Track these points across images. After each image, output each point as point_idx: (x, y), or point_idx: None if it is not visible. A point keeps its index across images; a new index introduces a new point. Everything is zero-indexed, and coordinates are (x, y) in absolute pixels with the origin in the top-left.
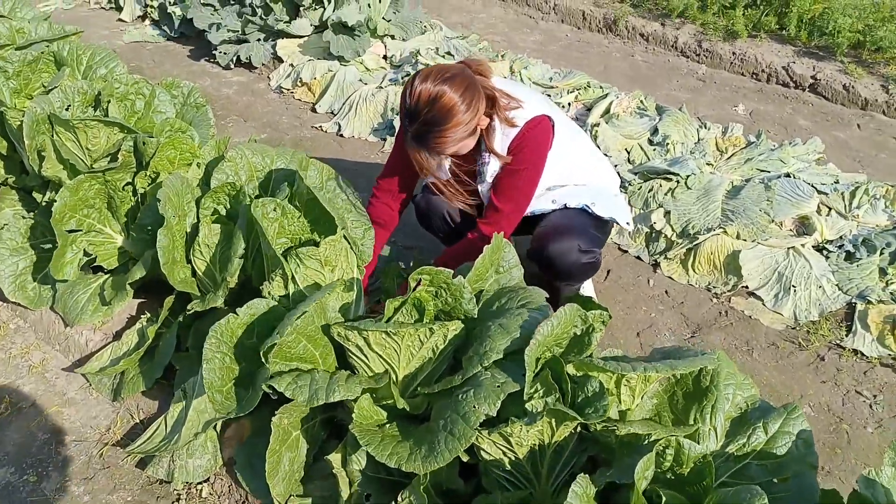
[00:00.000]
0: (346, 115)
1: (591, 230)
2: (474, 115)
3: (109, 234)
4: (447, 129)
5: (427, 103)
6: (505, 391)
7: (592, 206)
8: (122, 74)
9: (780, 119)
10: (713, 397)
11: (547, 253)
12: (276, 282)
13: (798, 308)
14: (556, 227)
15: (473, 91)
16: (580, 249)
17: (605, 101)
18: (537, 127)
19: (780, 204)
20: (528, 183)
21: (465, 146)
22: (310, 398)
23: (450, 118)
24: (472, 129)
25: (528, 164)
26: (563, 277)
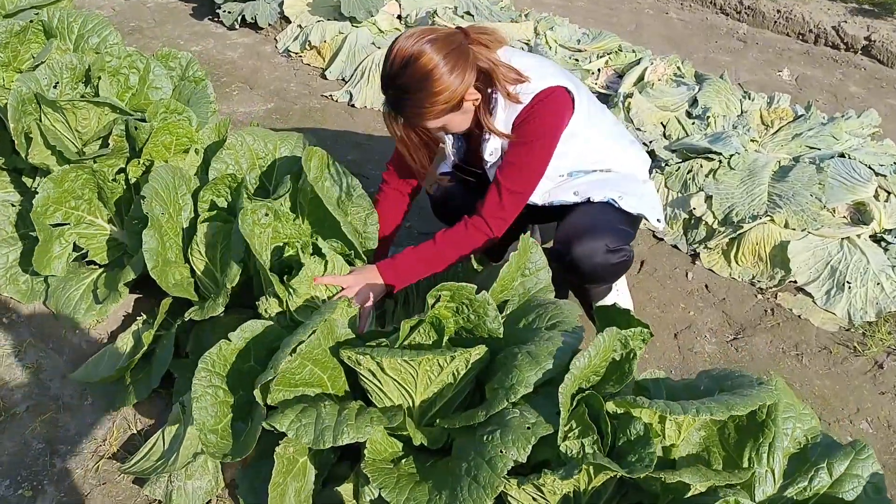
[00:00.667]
0: (358, 84)
1: (620, 225)
2: (458, 84)
3: (101, 225)
4: (423, 97)
5: (402, 65)
6: (536, 434)
7: (619, 200)
8: (114, 45)
9: (830, 85)
10: (770, 434)
11: (571, 256)
12: (271, 300)
13: (853, 307)
14: (579, 226)
15: (459, 57)
16: (608, 249)
17: (638, 68)
18: (549, 97)
19: (834, 188)
20: (536, 159)
21: (452, 123)
22: (315, 439)
23: (427, 84)
24: (455, 101)
25: (536, 137)
26: (592, 280)
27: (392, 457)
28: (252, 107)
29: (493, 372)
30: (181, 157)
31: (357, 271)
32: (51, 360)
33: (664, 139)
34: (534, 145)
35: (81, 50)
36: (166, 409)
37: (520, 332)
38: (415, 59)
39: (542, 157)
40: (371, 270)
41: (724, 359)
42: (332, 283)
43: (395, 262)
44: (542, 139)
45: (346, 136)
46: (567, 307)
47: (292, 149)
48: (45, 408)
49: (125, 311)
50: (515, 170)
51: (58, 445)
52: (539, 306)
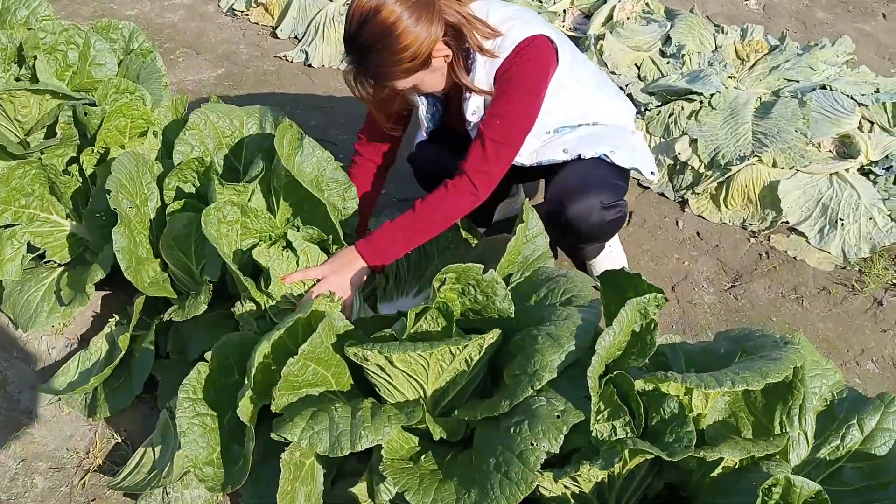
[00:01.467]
0: (313, 41)
1: (612, 180)
2: (424, 39)
3: (57, 221)
4: (386, 55)
5: (361, 21)
6: (567, 423)
7: (612, 154)
8: (46, 18)
9: (797, 12)
10: (800, 395)
11: (566, 216)
12: (247, 303)
13: (847, 244)
14: (570, 185)
15: (423, 10)
16: (602, 206)
17: (605, 7)
18: (530, 45)
19: (818, 122)
20: (522, 107)
21: (423, 83)
22: (331, 447)
23: (388, 40)
24: (422, 58)
25: (519, 84)
26: (588, 240)
27: (409, 453)
28: (201, 74)
29: (509, 355)
30: (138, 142)
31: (331, 259)
32: (17, 371)
33: (640, 81)
34: (518, 93)
35: (9, 25)
36: (151, 414)
37: (532, 311)
38: (374, 12)
39: (528, 105)
40: (347, 254)
41: (724, 309)
42: (304, 279)
43: (373, 240)
44: (527, 86)
45: (305, 100)
46: (579, 279)
47: (260, 123)
48: (17, 423)
49: (93, 311)
50: (499, 119)
51: (37, 463)
52: (549, 279)
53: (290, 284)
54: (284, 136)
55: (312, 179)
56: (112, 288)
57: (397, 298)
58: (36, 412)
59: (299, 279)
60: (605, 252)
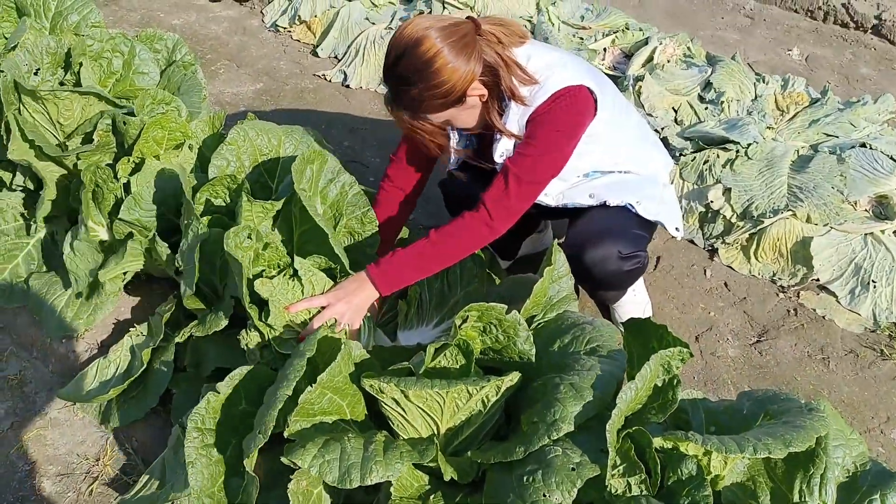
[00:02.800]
0: (353, 62)
1: (634, 229)
2: (461, 76)
3: (92, 227)
4: (422, 88)
5: (401, 52)
6: (582, 477)
7: (637, 205)
8: (96, 25)
9: (840, 66)
10: (822, 464)
11: (582, 263)
12: (251, 333)
13: (878, 307)
14: (591, 231)
15: (464, 48)
16: (620, 256)
17: (646, 48)
18: (568, 95)
19: (856, 180)
20: (550, 150)
21: (456, 118)
22: (340, 478)
23: (425, 73)
24: (457, 95)
25: (553, 128)
26: (605, 287)
27: (419, 492)
28: (240, 87)
29: (528, 400)
30: (174, 154)
31: (338, 286)
32: (36, 372)
33: (676, 125)
34: (550, 136)
35: (59, 29)
36: (164, 427)
37: (555, 356)
38: (415, 45)
39: (557, 149)
40: (355, 280)
41: (747, 364)
42: (309, 307)
43: (384, 265)
44: (561, 129)
45: (341, 120)
46: (605, 328)
47: (297, 143)
48: (32, 424)
49: (115, 317)
50: (527, 158)
51: (46, 466)
52: (574, 326)
53: (293, 313)
54: (307, 165)
55: (333, 202)
56: (134, 296)
57: (418, 327)
58: (50, 414)
59: (304, 308)
60: (629, 296)
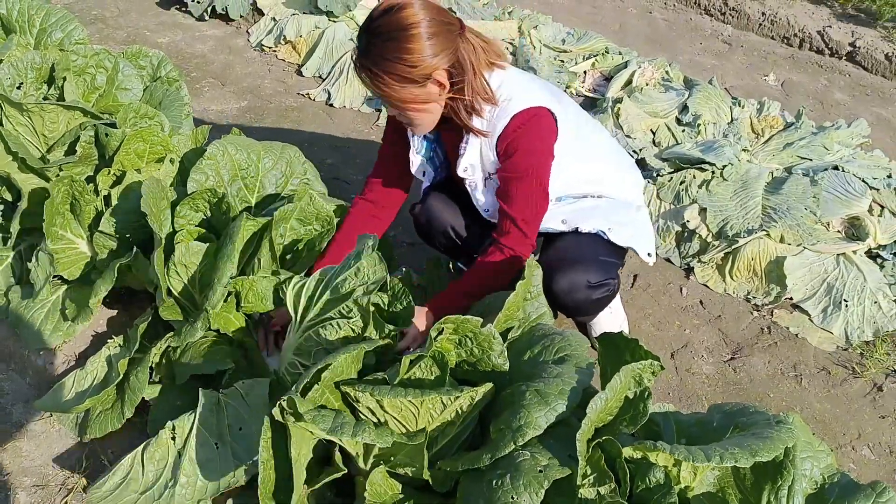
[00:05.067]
0: (336, 82)
1: (603, 257)
2: (430, 55)
3: (71, 239)
4: (392, 48)
5: (384, 10)
6: (549, 478)
7: (609, 231)
8: (80, 42)
9: (815, 92)
10: (790, 476)
11: (552, 291)
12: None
13: (850, 326)
14: (560, 259)
15: (442, 33)
16: (589, 285)
17: (626, 71)
18: (531, 120)
19: (828, 202)
20: (537, 186)
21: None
22: (332, 429)
23: (401, 35)
24: (421, 72)
25: (529, 166)
26: (575, 314)
27: (393, 500)
28: (224, 105)
29: (499, 409)
30: (155, 167)
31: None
32: (12, 384)
33: (653, 146)
34: (530, 176)
35: (44, 45)
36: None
37: (525, 366)
38: (400, 8)
39: (542, 182)
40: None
41: (722, 380)
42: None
43: (442, 302)
44: (539, 165)
45: (324, 138)
46: (574, 338)
47: (276, 160)
48: (8, 436)
49: (94, 330)
50: (521, 202)
51: (22, 478)
52: (545, 337)
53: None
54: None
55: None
56: (113, 308)
57: None
58: (27, 426)
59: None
60: (605, 313)
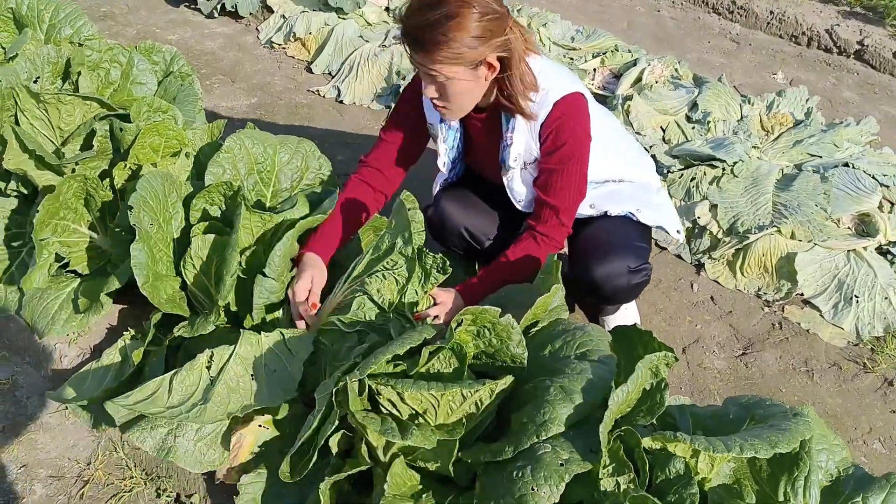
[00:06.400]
0: (346, 79)
1: (638, 242)
2: (485, 40)
3: (84, 232)
4: (448, 30)
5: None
6: (570, 471)
7: (637, 213)
8: (91, 36)
9: (823, 90)
10: (805, 467)
11: (593, 278)
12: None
13: (860, 322)
14: (597, 246)
15: (499, 18)
16: (630, 270)
17: (635, 69)
18: (572, 107)
19: (838, 198)
20: (580, 174)
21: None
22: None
23: (456, 17)
24: (475, 57)
25: (573, 155)
26: (614, 301)
27: (412, 491)
28: (235, 101)
29: (520, 402)
30: (170, 161)
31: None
32: (27, 377)
33: (664, 143)
34: (574, 164)
35: (53, 41)
36: None
37: (546, 360)
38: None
39: (584, 169)
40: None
41: (733, 375)
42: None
43: (473, 288)
44: (581, 153)
45: (334, 134)
46: (596, 333)
47: (292, 153)
48: (23, 428)
49: (109, 322)
50: (564, 192)
51: (38, 469)
52: (565, 332)
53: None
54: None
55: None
56: (129, 302)
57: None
58: (41, 418)
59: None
60: (620, 310)
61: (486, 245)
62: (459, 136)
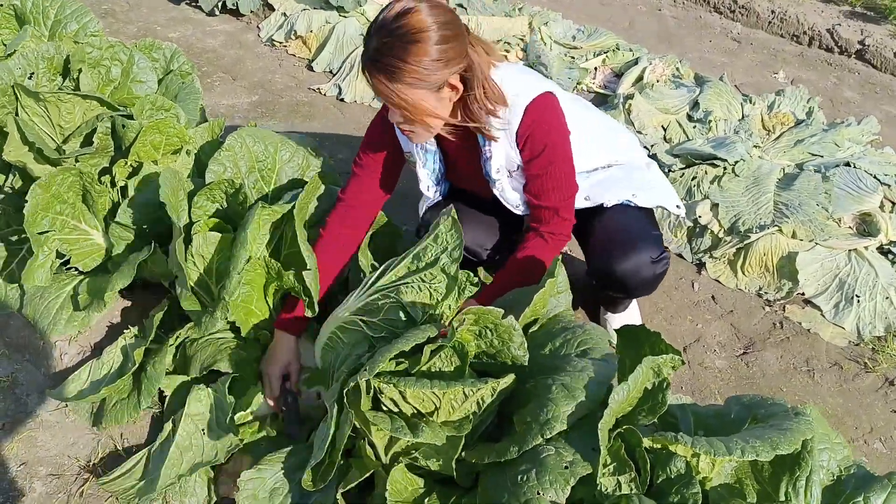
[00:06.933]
0: (347, 77)
1: (653, 231)
2: (445, 62)
3: (85, 230)
4: (408, 55)
5: (395, 17)
6: (575, 475)
7: (633, 198)
8: (95, 34)
9: (825, 89)
10: (807, 467)
11: (618, 274)
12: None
13: (861, 321)
14: (616, 241)
15: (458, 38)
16: (652, 260)
17: (636, 68)
18: (543, 109)
19: (840, 198)
20: (567, 171)
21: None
22: (393, 429)
23: (415, 42)
24: (437, 80)
25: (555, 156)
26: (635, 294)
27: (413, 495)
28: (236, 99)
29: (520, 401)
30: (171, 159)
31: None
32: (27, 374)
33: (665, 142)
34: (557, 162)
35: (58, 37)
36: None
37: (545, 359)
38: (409, 13)
39: (568, 161)
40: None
41: (734, 375)
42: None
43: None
44: (562, 153)
45: (335, 133)
46: (596, 331)
47: (293, 151)
48: (23, 426)
49: (109, 320)
50: (555, 192)
51: (37, 467)
52: (566, 330)
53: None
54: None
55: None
56: (130, 300)
57: None
58: (41, 416)
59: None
60: (622, 310)
61: (484, 256)
62: (439, 157)
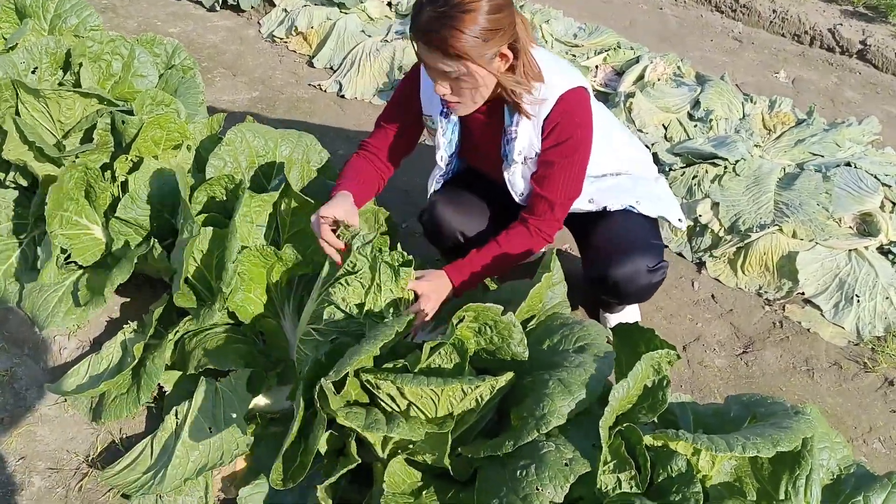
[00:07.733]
0: (348, 73)
1: (653, 239)
2: (496, 32)
3: (86, 225)
4: (462, 24)
5: None
6: (575, 472)
7: (637, 205)
8: (96, 28)
9: (826, 89)
10: (807, 466)
11: (613, 279)
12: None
13: (861, 321)
14: (614, 246)
15: (507, 3)
16: (648, 269)
17: (637, 66)
18: (576, 103)
19: (840, 198)
20: (579, 170)
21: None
22: (367, 426)
23: (468, 10)
24: (489, 50)
25: (575, 149)
26: (630, 300)
27: (411, 488)
28: (236, 95)
29: (519, 397)
30: (172, 154)
31: (428, 277)
32: (26, 368)
33: (665, 141)
34: (574, 160)
35: (58, 31)
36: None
37: (543, 355)
38: None
39: (583, 165)
40: (441, 277)
41: (734, 374)
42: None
43: (462, 269)
44: (583, 149)
45: (335, 129)
46: (594, 328)
47: (293, 147)
48: (21, 420)
49: (108, 315)
50: (561, 187)
51: (36, 462)
52: (564, 326)
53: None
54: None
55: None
56: (129, 295)
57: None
58: (40, 410)
59: (411, 287)
60: (622, 308)
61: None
62: (458, 129)
